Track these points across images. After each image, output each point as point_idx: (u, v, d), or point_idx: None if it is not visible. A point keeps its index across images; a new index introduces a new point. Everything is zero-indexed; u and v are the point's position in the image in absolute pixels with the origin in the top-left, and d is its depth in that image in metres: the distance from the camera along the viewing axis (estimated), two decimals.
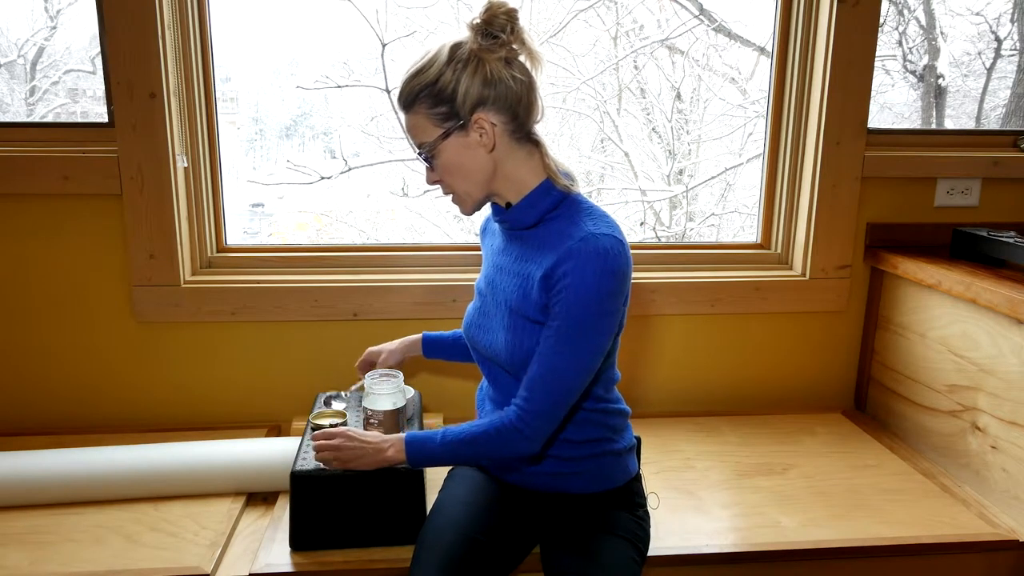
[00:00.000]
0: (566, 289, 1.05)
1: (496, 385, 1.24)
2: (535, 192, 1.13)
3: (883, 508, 1.42)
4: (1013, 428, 1.40)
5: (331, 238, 2.94)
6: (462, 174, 1.12)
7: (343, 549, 1.25)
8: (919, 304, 1.68)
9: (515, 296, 1.14)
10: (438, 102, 1.07)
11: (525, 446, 1.10)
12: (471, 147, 1.09)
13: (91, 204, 1.62)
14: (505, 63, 1.07)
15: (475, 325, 1.23)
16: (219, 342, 1.71)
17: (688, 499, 1.44)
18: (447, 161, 1.11)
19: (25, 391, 1.70)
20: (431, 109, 1.08)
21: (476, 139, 1.09)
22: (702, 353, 1.84)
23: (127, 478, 1.38)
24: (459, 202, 1.17)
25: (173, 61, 1.59)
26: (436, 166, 1.13)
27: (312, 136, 2.85)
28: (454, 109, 1.07)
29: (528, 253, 1.14)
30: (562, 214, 1.12)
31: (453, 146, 1.09)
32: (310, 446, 1.32)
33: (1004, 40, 2.57)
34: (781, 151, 1.82)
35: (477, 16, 1.07)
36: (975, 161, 1.79)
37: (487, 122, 1.08)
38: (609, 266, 1.04)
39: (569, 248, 1.05)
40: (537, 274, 1.10)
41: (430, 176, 1.16)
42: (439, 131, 1.09)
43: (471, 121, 1.08)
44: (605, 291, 1.05)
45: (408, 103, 1.10)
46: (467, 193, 1.14)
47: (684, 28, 2.62)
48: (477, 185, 1.13)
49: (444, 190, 1.17)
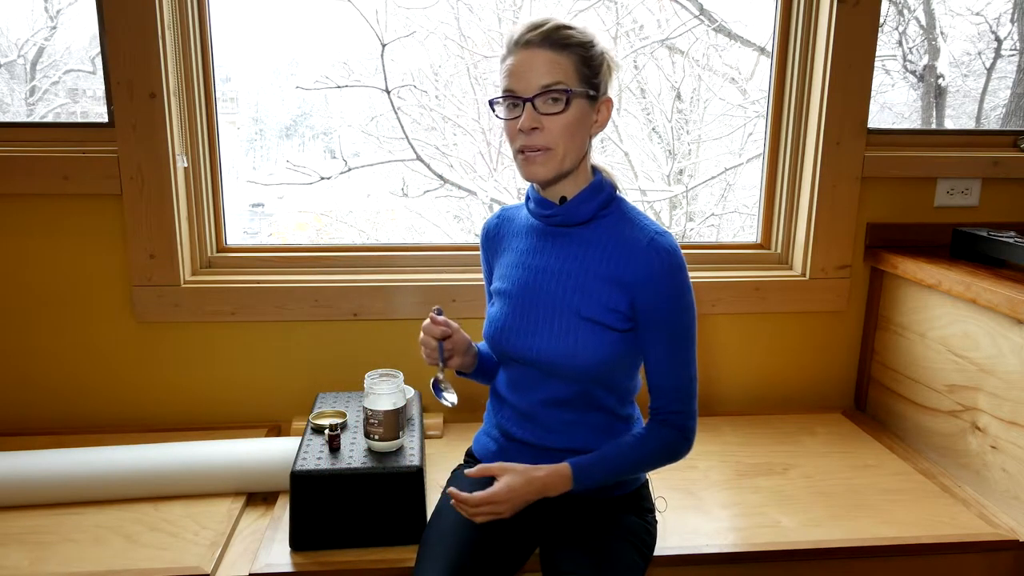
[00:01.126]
0: (662, 294, 1.09)
1: (522, 392, 1.19)
2: (590, 188, 1.15)
3: (883, 508, 1.42)
4: (1013, 428, 1.40)
5: (331, 238, 2.93)
6: (573, 137, 1.09)
7: (343, 549, 1.25)
8: (919, 304, 1.68)
9: (575, 297, 1.12)
10: (587, 64, 1.08)
11: (687, 450, 1.17)
12: (588, 119, 1.11)
13: (91, 204, 1.62)
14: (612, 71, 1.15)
15: (509, 329, 1.17)
16: (219, 342, 1.71)
17: (689, 499, 1.44)
18: (570, 117, 1.07)
19: (25, 391, 1.70)
20: (580, 65, 1.08)
21: (594, 117, 1.12)
22: (702, 353, 1.84)
23: (127, 478, 1.38)
24: (544, 161, 1.08)
25: (173, 61, 1.59)
26: (554, 114, 1.06)
27: (312, 136, 2.84)
28: (597, 80, 1.10)
29: (582, 252, 1.14)
30: (612, 213, 1.15)
31: (581, 108, 1.09)
32: (310, 445, 1.32)
33: (1004, 40, 2.57)
34: (781, 151, 1.82)
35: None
36: (975, 161, 1.79)
37: (608, 109, 1.13)
38: (681, 262, 1.11)
39: (644, 252, 1.10)
40: (608, 276, 1.11)
41: (533, 119, 1.06)
42: (581, 88, 1.08)
43: (602, 99, 1.12)
44: (687, 286, 1.12)
45: (561, 44, 1.06)
46: (563, 155, 1.09)
47: (684, 28, 2.61)
48: (573, 155, 1.10)
49: (539, 140, 1.07)
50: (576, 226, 1.15)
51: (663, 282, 1.09)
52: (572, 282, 1.13)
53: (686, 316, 1.12)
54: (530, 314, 1.16)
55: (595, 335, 1.11)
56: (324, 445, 1.33)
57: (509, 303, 1.19)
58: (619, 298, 1.11)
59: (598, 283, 1.11)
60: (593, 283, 1.12)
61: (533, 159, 1.09)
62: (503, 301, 1.20)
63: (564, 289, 1.14)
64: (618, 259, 1.10)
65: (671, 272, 1.09)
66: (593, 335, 1.11)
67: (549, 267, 1.16)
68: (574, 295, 1.13)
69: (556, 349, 1.13)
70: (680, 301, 1.10)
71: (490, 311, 1.23)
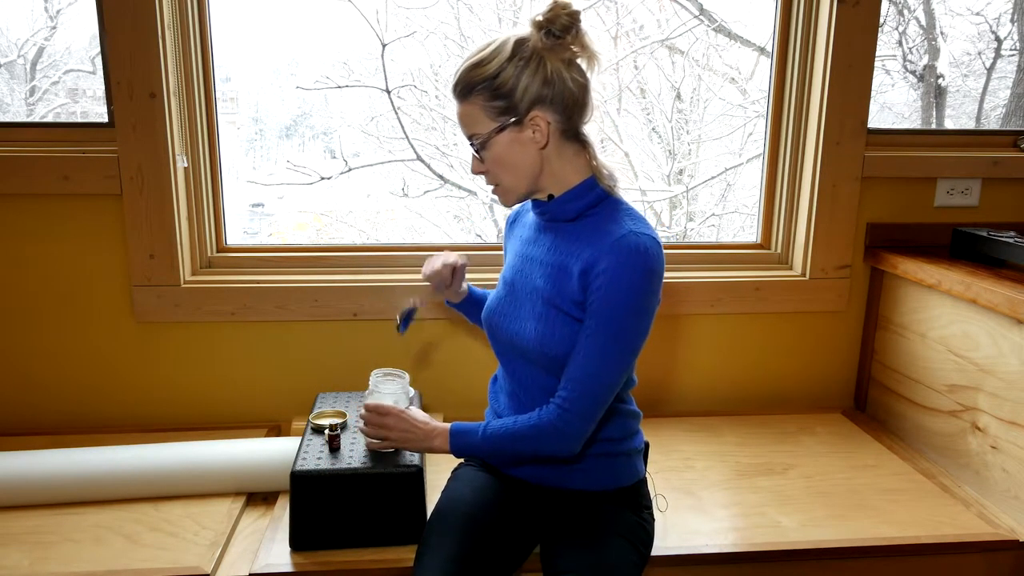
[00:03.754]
0: (604, 287, 1.06)
1: (513, 376, 1.23)
2: (578, 187, 1.14)
3: (883, 508, 1.42)
4: (1013, 428, 1.40)
5: (331, 238, 2.93)
6: (511, 168, 1.12)
7: (343, 549, 1.25)
8: (919, 304, 1.68)
9: (548, 286, 1.14)
10: (496, 96, 1.08)
11: (565, 445, 1.11)
12: (523, 143, 1.10)
13: (91, 204, 1.62)
14: (566, 64, 1.08)
15: (499, 313, 1.23)
16: (219, 342, 1.71)
17: (688, 499, 1.44)
18: (498, 154, 1.11)
19: (25, 391, 1.70)
20: (488, 102, 1.08)
21: (529, 136, 1.10)
22: (702, 353, 1.84)
23: (127, 478, 1.38)
24: (502, 194, 1.17)
25: (173, 61, 1.59)
26: (485, 158, 1.13)
27: (312, 136, 2.85)
28: (512, 104, 1.08)
29: (564, 245, 1.14)
30: (602, 211, 1.14)
31: (506, 140, 1.10)
32: (310, 445, 1.32)
33: (1004, 40, 2.57)
34: (781, 151, 1.82)
35: (539, 14, 1.07)
36: (975, 161, 1.79)
37: (543, 120, 1.08)
38: (648, 264, 1.06)
39: (609, 244, 1.06)
40: (575, 268, 1.10)
41: (477, 166, 1.16)
42: (494, 124, 1.09)
43: (527, 118, 1.08)
44: (643, 290, 1.06)
45: (465, 93, 1.10)
46: (513, 187, 1.15)
47: (684, 28, 2.61)
48: (524, 179, 1.13)
49: (489, 180, 1.17)
50: (565, 222, 1.16)
51: (614, 273, 1.05)
52: (550, 271, 1.15)
53: (624, 316, 1.06)
54: (516, 300, 1.20)
55: (566, 326, 1.12)
56: (324, 445, 1.33)
57: (504, 288, 1.24)
58: (582, 289, 1.10)
59: (567, 275, 1.12)
60: (564, 274, 1.12)
61: (496, 193, 1.19)
62: (500, 286, 1.26)
63: (543, 279, 1.15)
64: (589, 252, 1.09)
65: (628, 269, 1.05)
66: (564, 326, 1.12)
67: (537, 256, 1.19)
68: (548, 283, 1.14)
69: (530, 336, 1.15)
70: (624, 298, 1.05)
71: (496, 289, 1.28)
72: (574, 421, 1.09)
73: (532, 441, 1.11)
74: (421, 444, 1.19)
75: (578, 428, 1.10)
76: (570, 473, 1.19)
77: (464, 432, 1.16)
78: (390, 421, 1.19)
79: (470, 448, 1.16)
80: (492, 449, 1.15)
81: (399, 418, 1.19)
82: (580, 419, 1.09)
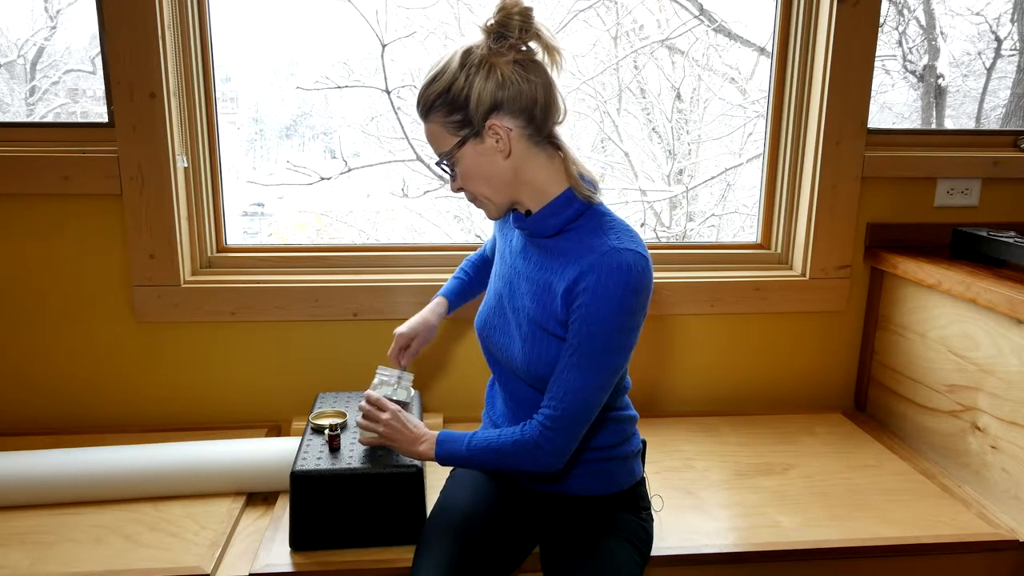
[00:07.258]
0: (586, 305, 1.03)
1: (505, 387, 1.23)
2: (556, 201, 1.09)
3: (883, 508, 1.42)
4: (1013, 428, 1.40)
5: (331, 238, 2.94)
6: (483, 181, 1.10)
7: (343, 549, 1.25)
8: (919, 304, 1.68)
9: (533, 305, 1.12)
10: (453, 110, 1.05)
11: (547, 462, 1.09)
12: (488, 154, 1.07)
13: (91, 204, 1.62)
14: (519, 65, 1.04)
15: (490, 327, 1.21)
16: (219, 342, 1.71)
17: (688, 499, 1.44)
18: (466, 169, 1.09)
19: (25, 391, 1.70)
20: (446, 117, 1.06)
21: (492, 145, 1.06)
22: (702, 353, 1.84)
23: (127, 478, 1.38)
24: (483, 207, 1.15)
25: (173, 61, 1.59)
26: (457, 175, 1.11)
27: (312, 136, 2.85)
28: (468, 116, 1.05)
29: (548, 262, 1.12)
30: (584, 225, 1.09)
31: (470, 154, 1.07)
32: (310, 445, 1.32)
33: (1004, 40, 2.57)
34: (781, 151, 1.82)
35: (491, 17, 1.04)
36: (975, 161, 1.79)
37: (501, 127, 1.04)
38: (632, 283, 1.02)
39: (591, 262, 1.03)
40: (559, 287, 1.08)
41: (453, 184, 1.14)
42: (455, 139, 1.07)
43: (485, 128, 1.05)
44: (626, 308, 1.03)
45: (425, 112, 1.08)
46: (489, 199, 1.12)
47: (684, 28, 2.62)
48: (499, 191, 1.10)
49: (468, 197, 1.15)
50: (546, 238, 1.13)
51: (595, 293, 1.02)
52: (536, 290, 1.12)
53: (605, 336, 1.03)
54: (504, 315, 1.19)
55: (552, 347, 1.10)
56: (324, 445, 1.33)
57: (495, 298, 1.22)
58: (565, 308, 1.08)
59: (551, 294, 1.09)
60: (548, 294, 1.10)
61: (478, 207, 1.17)
62: (491, 296, 1.24)
63: (530, 297, 1.13)
64: (574, 271, 1.06)
65: (609, 287, 1.01)
66: (551, 347, 1.10)
67: (524, 272, 1.16)
68: (534, 302, 1.12)
69: (517, 355, 1.14)
70: (605, 317, 1.02)
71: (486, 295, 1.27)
72: (555, 439, 1.07)
73: (514, 456, 1.10)
74: (408, 447, 1.18)
75: (560, 446, 1.07)
76: (567, 479, 1.19)
77: (450, 440, 1.15)
78: (385, 417, 1.19)
79: (454, 457, 1.14)
80: (476, 461, 1.13)
81: (395, 416, 1.19)
82: (561, 437, 1.07)
